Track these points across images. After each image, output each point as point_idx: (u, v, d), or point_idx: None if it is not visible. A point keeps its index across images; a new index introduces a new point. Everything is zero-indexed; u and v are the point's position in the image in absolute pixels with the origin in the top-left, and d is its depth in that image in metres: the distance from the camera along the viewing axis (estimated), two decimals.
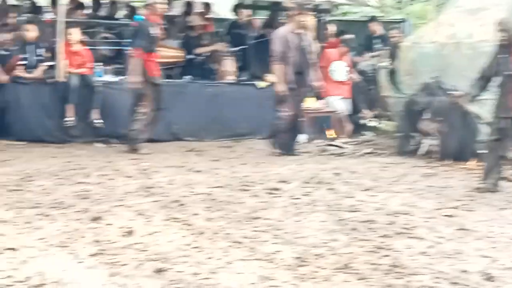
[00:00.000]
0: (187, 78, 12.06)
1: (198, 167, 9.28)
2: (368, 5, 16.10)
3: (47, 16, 12.18)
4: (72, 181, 8.18)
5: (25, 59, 10.79)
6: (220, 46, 12.65)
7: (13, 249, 5.52)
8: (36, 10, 13.13)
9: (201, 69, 12.43)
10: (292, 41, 10.17)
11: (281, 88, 10.23)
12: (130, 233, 6.09)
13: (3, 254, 5.41)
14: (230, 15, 14.46)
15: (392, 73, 12.03)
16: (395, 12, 17.94)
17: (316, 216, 6.91)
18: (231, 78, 12.20)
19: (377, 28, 14.20)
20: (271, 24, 13.70)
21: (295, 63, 10.20)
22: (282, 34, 10.31)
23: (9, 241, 5.74)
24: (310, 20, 10.52)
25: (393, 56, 12.35)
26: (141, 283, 4.90)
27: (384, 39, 13.83)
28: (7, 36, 10.97)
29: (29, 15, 12.75)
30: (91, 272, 5.11)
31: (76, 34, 10.94)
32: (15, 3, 14.18)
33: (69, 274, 5.00)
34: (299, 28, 10.23)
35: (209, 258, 5.51)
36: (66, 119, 10.80)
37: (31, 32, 10.92)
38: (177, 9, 14.52)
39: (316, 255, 5.62)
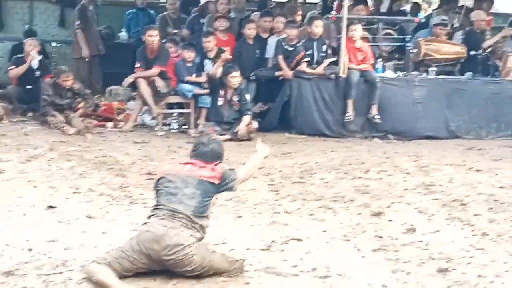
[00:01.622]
0: (468, 74, 11.75)
1: (478, 166, 9.00)
2: None
3: (332, 13, 12.41)
4: (352, 175, 8.31)
5: (309, 55, 11.10)
6: (506, 31, 12.14)
7: (298, 239, 5.74)
8: (327, 9, 13.48)
9: (483, 65, 12.04)
10: None
11: None
12: (411, 230, 6.09)
13: (289, 244, 5.65)
14: None
15: None
16: None
17: None
18: None
19: None
20: None
21: None
22: None
23: (294, 231, 5.98)
24: None
25: None
26: (424, 282, 4.89)
27: None
28: (293, 32, 11.31)
29: (314, 11, 13.09)
30: (374, 267, 5.18)
31: (358, 30, 11.06)
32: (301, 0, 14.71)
33: (353, 268, 5.11)
34: None
35: (494, 260, 5.38)
36: (346, 114, 10.99)
37: (317, 28, 11.21)
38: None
39: None
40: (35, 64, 11.51)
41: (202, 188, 4.81)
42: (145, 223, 4.76)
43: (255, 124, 10.76)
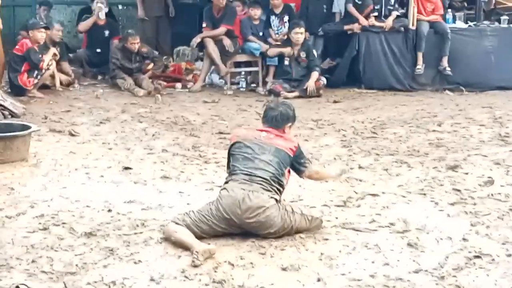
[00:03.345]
0: None
1: None
2: None
3: None
4: (425, 129, 8.21)
5: (377, 9, 10.91)
6: None
7: (374, 194, 5.70)
8: None
9: None
10: None
11: None
12: (489, 182, 5.98)
13: (365, 199, 5.61)
14: None
15: None
16: None
17: None
18: None
19: None
20: None
21: None
22: None
23: (370, 187, 5.94)
24: None
25: None
26: (506, 235, 4.79)
27: None
28: None
29: None
30: (453, 221, 5.11)
31: None
32: None
33: (431, 221, 5.05)
34: None
35: None
36: (416, 67, 10.82)
37: None
38: None
39: None
40: (102, 14, 11.62)
41: (279, 156, 4.79)
42: (223, 188, 4.75)
43: (324, 80, 10.66)
